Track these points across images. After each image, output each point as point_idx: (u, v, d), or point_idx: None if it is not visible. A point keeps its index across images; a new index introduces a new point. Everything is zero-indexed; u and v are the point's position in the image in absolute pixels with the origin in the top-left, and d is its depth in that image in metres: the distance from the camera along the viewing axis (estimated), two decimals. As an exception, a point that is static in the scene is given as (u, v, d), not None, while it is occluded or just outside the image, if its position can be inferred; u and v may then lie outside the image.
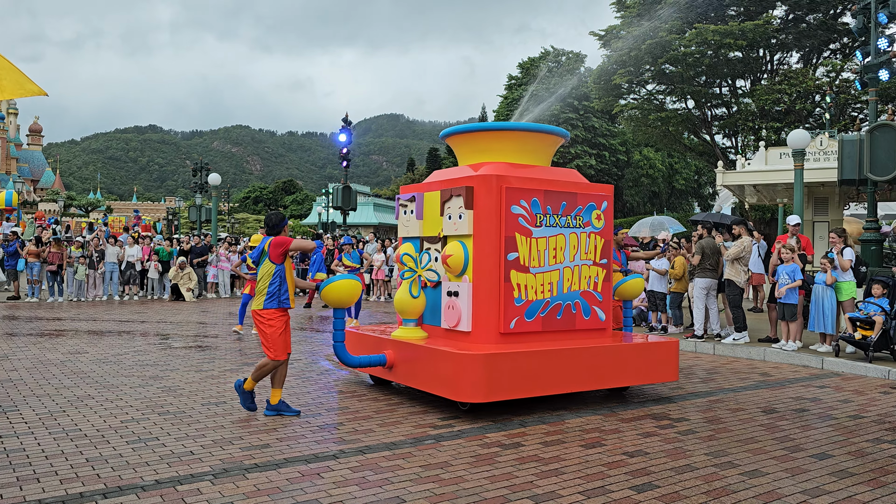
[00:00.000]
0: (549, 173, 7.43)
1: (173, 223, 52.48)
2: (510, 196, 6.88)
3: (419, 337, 7.17)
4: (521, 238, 6.94)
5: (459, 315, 6.95)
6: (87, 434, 5.76)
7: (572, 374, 6.78)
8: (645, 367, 7.29)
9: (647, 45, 27.85)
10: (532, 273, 6.99)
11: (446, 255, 7.02)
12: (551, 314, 7.13)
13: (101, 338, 11.42)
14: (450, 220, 7.17)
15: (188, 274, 18.76)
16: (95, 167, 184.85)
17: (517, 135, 7.47)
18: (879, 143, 12.48)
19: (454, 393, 6.35)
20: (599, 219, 7.50)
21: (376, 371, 7.48)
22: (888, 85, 21.26)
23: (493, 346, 6.68)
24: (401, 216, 8.06)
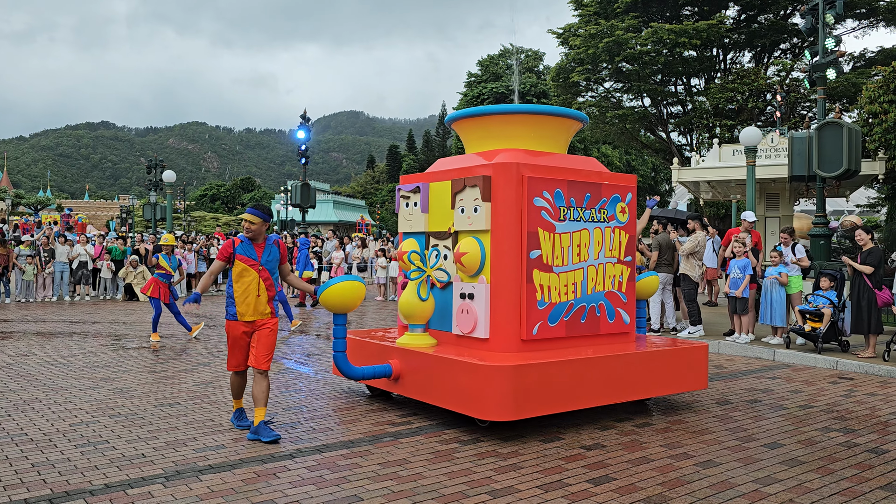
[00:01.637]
0: (569, 161, 6.72)
1: (127, 222, 51.30)
2: (532, 187, 6.14)
3: (428, 344, 6.45)
4: (544, 234, 6.21)
5: (475, 320, 6.22)
6: (33, 438, 5.57)
7: (603, 386, 6.09)
8: (675, 374, 6.65)
9: (605, 44, 28.16)
10: (555, 273, 6.28)
11: (460, 253, 6.24)
12: (575, 318, 6.43)
13: (50, 339, 11.09)
14: (462, 214, 6.39)
15: (141, 273, 18.34)
16: (45, 164, 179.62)
17: (535, 119, 6.75)
18: (827, 140, 12.84)
19: (476, 409, 5.65)
20: (624, 212, 6.83)
21: (377, 382, 6.74)
22: (835, 83, 21.87)
23: (513, 354, 5.98)
24: (402, 209, 7.24)
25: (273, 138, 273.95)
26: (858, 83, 23.23)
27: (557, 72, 32.80)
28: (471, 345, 6.32)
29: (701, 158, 21.85)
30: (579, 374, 5.92)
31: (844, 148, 12.59)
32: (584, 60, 30.12)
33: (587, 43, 29.25)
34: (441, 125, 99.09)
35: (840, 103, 24.91)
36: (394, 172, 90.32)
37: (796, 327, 10.08)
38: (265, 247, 5.76)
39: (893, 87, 15.77)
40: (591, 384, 5.99)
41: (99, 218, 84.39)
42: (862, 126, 16.50)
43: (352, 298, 5.86)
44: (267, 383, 5.63)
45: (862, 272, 9.49)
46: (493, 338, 6.16)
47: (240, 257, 5.65)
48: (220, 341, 10.93)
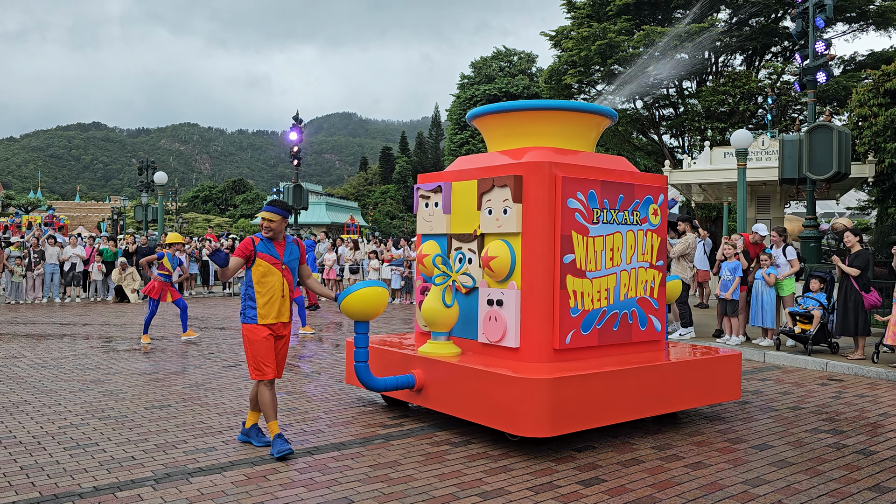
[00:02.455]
0: (600, 161, 6.44)
1: (118, 223, 51.08)
2: (566, 187, 5.78)
3: (453, 353, 6.08)
4: (578, 237, 5.86)
5: (504, 328, 5.85)
6: (21, 441, 5.54)
7: (641, 398, 5.78)
8: (710, 384, 6.35)
9: (597, 46, 28.24)
10: (589, 278, 5.94)
11: (489, 257, 5.87)
12: (607, 325, 6.10)
13: (40, 341, 11.03)
14: (490, 216, 6.04)
15: (131, 274, 18.27)
16: (36, 165, 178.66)
17: (565, 116, 6.40)
18: (817, 143, 12.92)
19: (509, 424, 5.29)
20: (656, 214, 6.51)
21: (398, 392, 6.36)
22: (826, 87, 22.00)
23: (546, 365, 5.65)
24: (421, 209, 6.87)
25: (265, 140, 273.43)
26: (849, 86, 23.38)
27: (550, 74, 32.87)
28: (499, 354, 5.96)
29: (692, 161, 21.95)
30: (617, 386, 5.62)
31: (834, 151, 12.67)
32: (577, 63, 30.21)
33: (580, 45, 29.35)
34: (434, 126, 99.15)
35: (830, 106, 25.05)
36: (387, 174, 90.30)
37: (786, 329, 10.14)
38: (286, 245, 5.47)
39: (883, 90, 15.88)
40: (628, 397, 5.69)
41: (90, 219, 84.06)
42: (852, 129, 16.60)
43: (375, 305, 5.47)
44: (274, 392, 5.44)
45: (850, 274, 9.54)
46: (524, 347, 5.79)
47: (262, 256, 5.32)
48: (211, 343, 10.90)
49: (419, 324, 6.75)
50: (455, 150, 58.34)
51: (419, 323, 6.73)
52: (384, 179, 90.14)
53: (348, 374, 7.07)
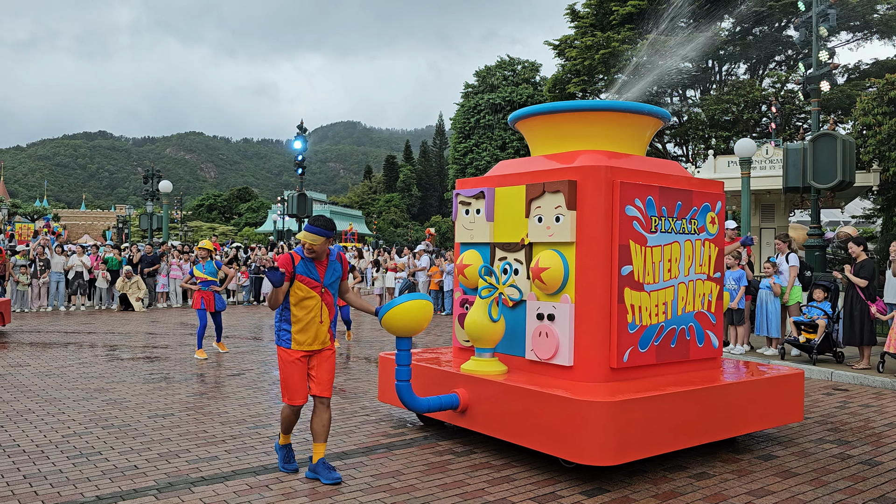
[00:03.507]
0: (655, 165, 6.09)
1: (123, 231, 51.24)
2: (625, 193, 5.41)
3: (499, 371, 5.70)
4: (636, 247, 5.49)
5: (556, 344, 5.47)
6: (25, 450, 5.55)
7: (706, 421, 5.37)
8: (772, 406, 5.91)
9: (601, 55, 28.32)
10: (647, 291, 5.56)
11: (540, 269, 5.50)
12: (665, 342, 5.73)
13: (44, 349, 11.05)
14: (540, 224, 5.65)
15: (136, 283, 18.31)
16: (42, 174, 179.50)
17: (617, 117, 6.04)
18: (821, 151, 12.91)
19: (568, 451, 4.85)
20: (713, 223, 6.14)
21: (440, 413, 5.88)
22: (830, 96, 22.01)
23: (603, 385, 5.27)
24: (460, 216, 6.48)
25: (270, 148, 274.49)
26: (853, 95, 23.36)
27: (554, 83, 32.96)
28: (549, 373, 5.58)
29: (696, 169, 21.95)
30: (682, 409, 5.21)
31: (839, 159, 12.66)
32: (581, 71, 30.30)
33: (583, 54, 29.42)
34: (438, 135, 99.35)
35: (834, 115, 25.04)
36: (391, 183, 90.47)
37: (791, 338, 10.10)
38: (328, 265, 4.97)
39: (887, 98, 15.88)
40: (693, 420, 5.28)
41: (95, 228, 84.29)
42: (856, 138, 16.60)
43: (419, 319, 5.10)
44: (329, 415, 5.00)
45: (856, 284, 9.52)
46: (579, 365, 5.42)
47: (301, 279, 4.86)
48: (214, 353, 10.90)
49: (458, 338, 6.42)
50: (459, 158, 58.43)
51: (458, 337, 6.41)
52: (388, 188, 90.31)
53: (381, 390, 6.65)
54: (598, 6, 30.60)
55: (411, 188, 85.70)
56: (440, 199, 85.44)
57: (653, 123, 6.29)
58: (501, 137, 55.90)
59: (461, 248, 6.50)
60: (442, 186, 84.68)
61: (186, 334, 13.12)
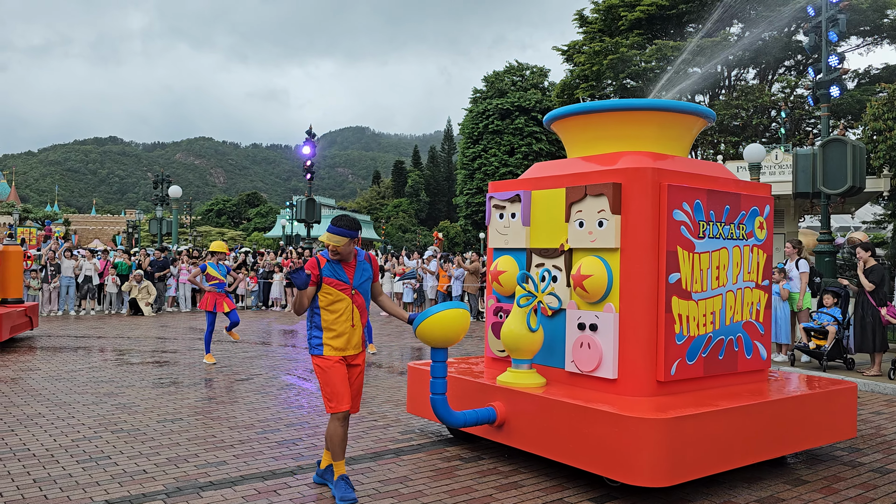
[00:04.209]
0: (701, 167, 5.83)
1: (133, 236, 51.54)
2: (672, 197, 5.16)
3: (537, 384, 5.43)
4: (684, 254, 5.23)
5: (600, 356, 5.21)
6: (35, 454, 5.58)
7: (759, 438, 5.06)
8: (825, 421, 5.61)
9: (609, 60, 28.32)
10: (694, 300, 5.31)
11: (582, 276, 5.25)
12: (713, 354, 5.46)
13: (54, 354, 11.12)
14: (581, 229, 5.41)
15: (146, 288, 18.40)
16: (53, 179, 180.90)
17: (661, 117, 5.77)
18: (831, 157, 12.85)
19: (617, 471, 4.55)
20: (762, 228, 5.88)
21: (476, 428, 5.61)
22: (840, 101, 21.91)
23: (649, 399, 5.03)
24: (494, 221, 6.25)
25: (279, 153, 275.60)
26: (863, 100, 23.27)
27: (562, 88, 32.97)
28: (591, 386, 5.33)
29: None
30: (737, 425, 4.92)
31: (849, 165, 12.59)
32: (589, 77, 30.29)
33: (592, 60, 29.42)
34: (447, 140, 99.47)
35: (844, 120, 24.94)
36: (399, 188, 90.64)
37: (801, 345, 10.05)
38: (356, 266, 4.75)
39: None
40: (747, 438, 4.98)
41: (106, 232, 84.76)
42: (866, 143, 16.52)
43: (456, 330, 4.84)
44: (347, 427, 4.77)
45: (865, 289, 9.46)
46: (623, 378, 5.15)
47: (328, 281, 4.65)
48: (223, 357, 10.94)
49: (492, 348, 6.20)
50: (467, 163, 58.50)
51: (492, 347, 6.19)
52: (397, 193, 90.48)
53: (410, 402, 6.38)
54: (606, 12, 30.63)
55: (420, 193, 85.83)
56: (448, 204, 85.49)
57: (698, 123, 6.03)
58: (510, 143, 55.94)
59: (494, 254, 6.24)
60: (450, 192, 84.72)
61: (195, 339, 13.17)
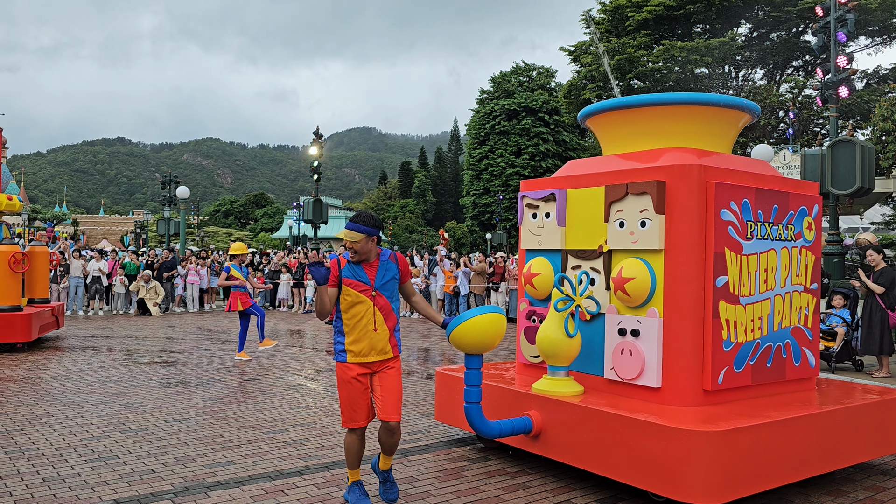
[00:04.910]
0: (745, 164, 5.54)
1: (141, 237, 51.77)
2: (720, 195, 4.92)
3: (575, 392, 5.18)
4: (731, 255, 5.00)
5: (642, 363, 4.96)
6: (44, 453, 5.62)
7: (812, 452, 4.78)
8: (880, 432, 5.31)
9: (616, 61, 28.27)
10: (742, 304, 5.08)
11: (623, 279, 5.01)
12: (760, 361, 5.22)
13: (63, 353, 11.18)
14: (622, 229, 5.16)
15: (154, 288, 18.47)
16: (62, 180, 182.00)
17: (704, 111, 5.53)
18: (840, 157, 12.80)
19: (666, 486, 4.29)
20: (811, 228, 5.64)
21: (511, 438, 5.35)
22: (848, 101, 21.82)
23: (696, 409, 4.78)
24: (527, 221, 6.01)
25: (286, 154, 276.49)
26: (872, 100, 23.16)
27: (569, 89, 32.95)
28: (633, 394, 5.09)
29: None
30: (790, 438, 4.65)
31: (857, 165, 12.55)
32: (596, 77, 30.25)
33: (598, 60, 29.36)
34: (453, 141, 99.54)
35: (853, 120, 24.82)
36: (406, 188, 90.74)
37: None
38: (379, 265, 4.49)
39: (907, 104, 15.72)
40: (801, 451, 4.71)
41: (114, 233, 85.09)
42: (875, 143, 16.45)
43: (492, 335, 4.58)
44: (400, 435, 4.51)
45: (874, 292, 9.41)
46: (668, 387, 4.90)
47: (347, 282, 4.38)
48: (232, 356, 10.97)
49: (525, 354, 5.96)
50: (474, 164, 58.51)
51: (525, 353, 5.95)
52: (403, 194, 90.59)
53: (439, 409, 6.16)
54: (613, 12, 30.58)
55: (426, 194, 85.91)
56: (455, 204, 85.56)
57: (743, 118, 5.75)
58: (517, 143, 55.94)
59: (527, 256, 6.01)
60: (457, 192, 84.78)
61: (203, 339, 13.22)
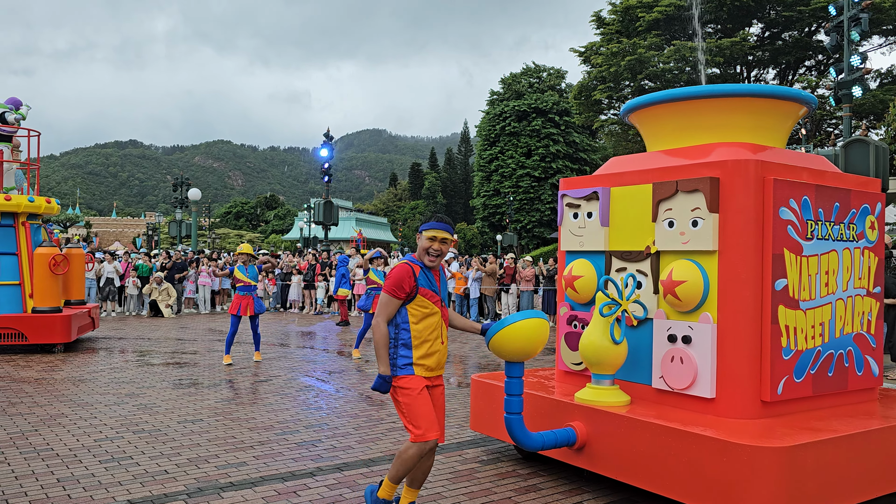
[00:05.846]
0: (802, 159, 5.22)
1: (153, 238, 52.08)
2: (779, 193, 4.61)
3: (621, 402, 4.87)
4: (791, 257, 4.70)
5: (695, 372, 4.67)
6: (59, 454, 5.65)
7: (882, 470, 4.46)
8: None
9: (627, 62, 28.20)
10: (802, 309, 4.78)
11: (674, 282, 4.73)
12: (822, 370, 4.91)
13: (76, 355, 11.25)
14: (671, 229, 4.88)
15: (166, 290, 18.57)
16: (75, 182, 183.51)
17: (758, 104, 5.21)
18: (854, 157, 12.69)
19: None
20: (873, 228, 5.31)
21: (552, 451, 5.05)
22: (861, 101, 21.65)
23: (753, 422, 4.49)
24: (567, 221, 5.72)
25: (297, 156, 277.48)
26: (886, 100, 22.98)
27: (579, 90, 32.89)
28: (683, 405, 4.78)
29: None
30: (859, 454, 4.31)
31: (871, 165, 12.43)
32: (607, 78, 30.19)
33: (609, 61, 29.31)
34: (464, 143, 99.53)
35: (867, 120, 24.64)
36: (416, 190, 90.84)
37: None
38: (440, 275, 4.22)
39: (921, 104, 15.58)
40: (869, 469, 4.38)
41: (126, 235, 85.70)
42: (889, 143, 16.31)
43: (535, 342, 4.22)
44: (433, 461, 4.21)
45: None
46: (722, 398, 4.60)
47: (425, 292, 4.05)
48: (243, 359, 11.00)
49: (565, 361, 5.67)
50: (484, 165, 58.51)
51: (565, 360, 5.67)
52: (413, 195, 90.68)
53: (475, 419, 5.90)
54: (623, 13, 30.50)
55: (436, 195, 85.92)
56: (465, 206, 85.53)
57: (799, 111, 5.42)
58: (527, 144, 55.88)
59: (567, 258, 5.73)
60: (467, 194, 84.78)
61: (215, 340, 13.27)
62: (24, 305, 11.61)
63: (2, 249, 11.69)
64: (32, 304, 11.52)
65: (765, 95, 5.21)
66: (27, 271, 11.71)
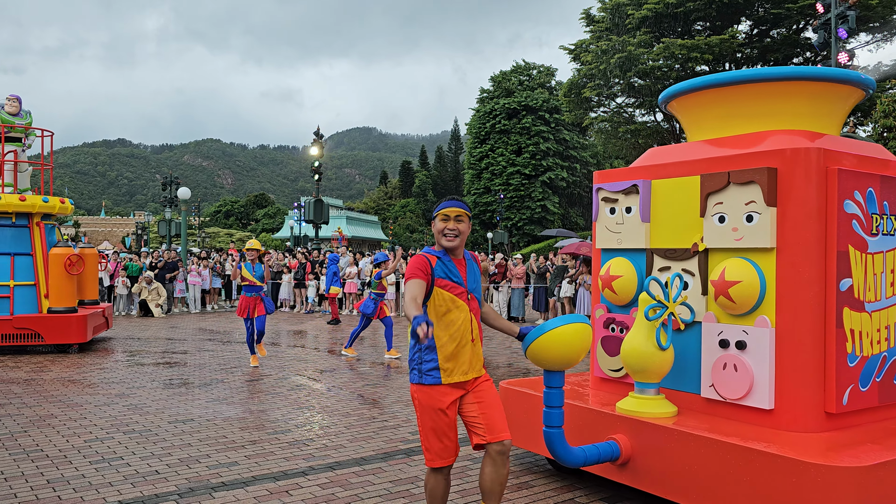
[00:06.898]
0: (863, 147, 4.75)
1: (142, 238, 51.82)
2: (843, 184, 4.16)
3: (668, 413, 4.45)
4: (856, 254, 4.26)
5: (750, 381, 4.25)
6: (48, 454, 5.62)
7: None
8: None
9: (616, 59, 28.26)
10: (867, 312, 4.33)
11: (727, 282, 4.30)
12: (887, 378, 4.46)
13: (65, 355, 11.19)
14: (723, 224, 4.43)
15: (156, 289, 18.49)
16: (63, 182, 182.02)
17: (812, 88, 4.73)
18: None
19: None
20: None
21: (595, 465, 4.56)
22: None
23: (817, 435, 4.06)
24: (603, 217, 5.28)
25: (286, 154, 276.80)
26: (873, 97, 23.15)
27: (569, 87, 32.94)
28: (738, 417, 4.37)
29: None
30: None
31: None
32: (596, 76, 30.25)
33: (599, 59, 29.38)
34: (454, 140, 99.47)
35: (854, 117, 24.81)
36: (406, 188, 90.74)
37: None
38: (467, 264, 3.75)
39: (908, 100, 15.71)
40: None
41: (115, 234, 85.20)
42: (876, 140, 16.43)
43: (577, 350, 3.76)
44: (508, 469, 3.66)
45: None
46: (782, 409, 4.18)
47: (442, 282, 3.60)
48: (233, 358, 10.97)
49: (602, 367, 5.26)
50: (474, 163, 58.52)
51: (602, 366, 5.25)
52: (404, 193, 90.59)
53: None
54: (613, 10, 30.57)
55: (427, 193, 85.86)
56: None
57: (856, 95, 4.94)
58: (517, 142, 55.93)
59: (603, 256, 5.32)
60: (458, 191, 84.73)
61: (205, 340, 13.23)
62: (39, 306, 11.61)
63: (17, 250, 11.70)
64: (48, 304, 11.51)
65: (820, 78, 4.73)
66: (42, 271, 11.71)
